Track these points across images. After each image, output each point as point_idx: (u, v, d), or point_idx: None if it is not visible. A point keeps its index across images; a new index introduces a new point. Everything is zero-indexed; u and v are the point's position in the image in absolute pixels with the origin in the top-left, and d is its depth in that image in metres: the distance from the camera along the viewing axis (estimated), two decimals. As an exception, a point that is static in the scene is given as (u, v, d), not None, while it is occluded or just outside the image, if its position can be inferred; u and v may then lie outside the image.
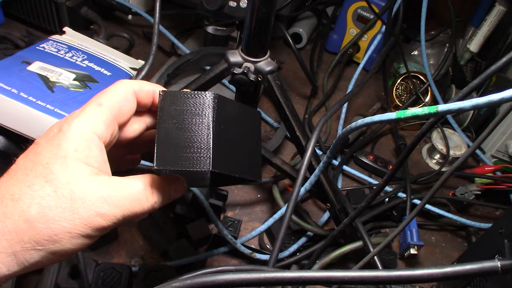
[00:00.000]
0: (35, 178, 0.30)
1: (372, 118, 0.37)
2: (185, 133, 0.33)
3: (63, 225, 0.29)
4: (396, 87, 0.93)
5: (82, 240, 0.31)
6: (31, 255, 0.29)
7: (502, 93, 0.27)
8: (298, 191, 0.53)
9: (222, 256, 0.64)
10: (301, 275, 0.27)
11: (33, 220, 0.29)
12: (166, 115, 0.34)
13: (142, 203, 0.33)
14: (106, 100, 0.33)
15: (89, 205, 0.30)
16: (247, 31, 0.53)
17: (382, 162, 0.81)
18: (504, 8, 0.88)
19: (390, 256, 0.65)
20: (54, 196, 0.29)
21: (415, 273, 0.27)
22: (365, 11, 0.97)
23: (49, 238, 0.29)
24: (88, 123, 0.32)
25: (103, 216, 0.30)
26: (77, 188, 0.30)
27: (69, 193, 0.30)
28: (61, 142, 0.31)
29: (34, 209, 0.29)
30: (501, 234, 0.48)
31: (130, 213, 0.32)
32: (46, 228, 0.29)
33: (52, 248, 0.30)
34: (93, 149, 0.31)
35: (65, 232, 0.29)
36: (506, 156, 0.83)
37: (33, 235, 0.29)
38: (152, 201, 0.34)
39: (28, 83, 0.58)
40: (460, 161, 0.38)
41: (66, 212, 0.29)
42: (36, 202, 0.29)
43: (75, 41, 0.73)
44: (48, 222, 0.29)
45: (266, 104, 0.88)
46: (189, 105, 0.34)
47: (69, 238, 0.30)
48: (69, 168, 0.30)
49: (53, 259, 0.30)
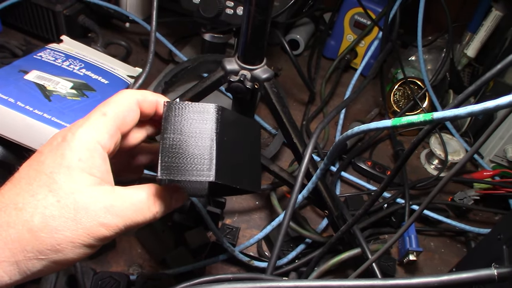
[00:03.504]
0: (38, 188, 0.30)
1: (368, 126, 0.37)
2: (189, 144, 0.34)
3: (66, 235, 0.29)
4: (393, 92, 0.93)
5: (85, 249, 0.31)
6: (33, 264, 0.29)
7: (497, 100, 0.27)
8: (295, 198, 0.53)
9: (220, 264, 0.63)
10: (296, 285, 0.27)
11: (36, 229, 0.29)
12: (171, 126, 0.34)
13: (144, 212, 0.33)
14: (110, 110, 0.33)
15: (92, 215, 0.30)
16: (243, 39, 0.53)
17: (381, 168, 0.81)
18: (501, 13, 0.88)
19: (389, 263, 0.65)
20: (57, 206, 0.29)
21: (412, 282, 0.27)
22: (362, 17, 0.98)
23: (52, 247, 0.29)
24: (92, 132, 0.32)
25: (106, 226, 0.31)
26: (80, 198, 0.30)
27: (73, 203, 0.30)
28: (65, 152, 0.31)
29: (37, 219, 0.29)
30: (500, 240, 0.48)
31: (132, 223, 0.32)
32: (49, 238, 0.29)
33: (55, 257, 0.30)
34: (96, 159, 0.32)
35: (68, 242, 0.30)
36: (504, 161, 0.83)
37: (36, 245, 0.29)
38: (154, 211, 0.34)
39: (25, 92, 0.58)
40: (458, 167, 0.38)
41: (69, 222, 0.29)
42: (39, 211, 0.29)
43: (72, 49, 0.73)
44: (51, 232, 0.29)
45: (264, 111, 0.88)
46: (193, 116, 0.35)
47: (72, 247, 0.30)
48: (73, 178, 0.30)
49: (54, 268, 0.31)
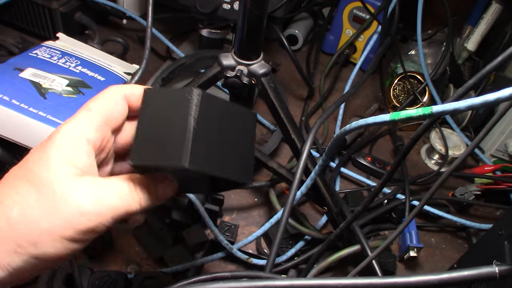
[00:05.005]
0: (20, 181, 0.30)
1: (366, 120, 0.37)
2: (165, 129, 0.31)
3: (43, 226, 0.28)
4: (393, 87, 0.92)
5: (65, 244, 0.29)
6: (12, 259, 0.29)
7: (497, 93, 0.26)
8: (294, 195, 0.52)
9: (218, 262, 0.63)
10: (292, 283, 0.26)
11: (15, 221, 0.28)
12: (148, 112, 0.33)
13: (128, 201, 0.32)
14: (95, 105, 0.33)
15: (71, 204, 0.29)
16: (240, 34, 0.52)
17: (380, 164, 0.80)
18: (501, 6, 0.87)
19: (389, 259, 0.64)
20: (36, 197, 0.29)
21: (411, 280, 0.26)
22: (360, 12, 0.97)
23: (30, 240, 0.28)
24: (75, 126, 0.32)
25: (87, 215, 0.29)
26: (59, 188, 0.29)
27: (51, 193, 0.29)
28: (46, 145, 0.31)
29: (16, 210, 0.29)
30: (501, 235, 0.47)
31: (116, 212, 0.31)
32: (26, 229, 0.28)
33: (33, 252, 0.29)
34: (79, 151, 0.31)
35: (45, 233, 0.29)
36: (505, 156, 0.82)
37: (14, 236, 0.28)
38: (137, 199, 0.33)
39: (20, 90, 0.57)
40: (459, 161, 0.38)
41: (46, 212, 0.29)
42: (18, 202, 0.29)
43: (68, 46, 0.72)
44: (28, 222, 0.28)
45: (262, 106, 0.87)
46: (173, 101, 0.32)
47: (50, 240, 0.29)
48: (51, 169, 0.30)
49: (37, 265, 0.29)
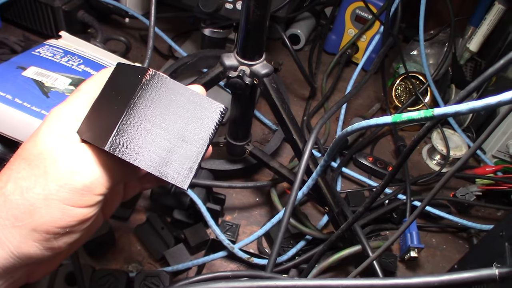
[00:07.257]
0: (14, 160, 0.31)
1: (368, 122, 0.37)
2: (109, 109, 0.31)
3: (37, 192, 0.29)
4: (395, 87, 0.92)
5: (64, 209, 0.29)
6: (12, 234, 0.29)
7: (499, 96, 0.26)
8: (295, 195, 0.52)
9: (220, 261, 0.63)
10: (294, 284, 0.26)
11: (9, 193, 0.29)
12: (107, 87, 0.33)
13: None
14: (85, 86, 0.35)
15: (62, 166, 0.29)
16: (242, 34, 0.52)
17: (382, 164, 0.80)
18: (504, 7, 0.87)
19: (390, 259, 0.64)
20: (28, 168, 0.30)
21: (411, 281, 0.27)
22: (363, 12, 0.97)
23: (26, 209, 0.29)
24: (65, 106, 0.33)
25: (80, 172, 0.30)
26: (48, 155, 0.30)
27: (42, 161, 0.30)
28: (39, 126, 0.32)
29: (10, 184, 0.30)
30: (502, 237, 0.47)
31: (110, 171, 0.31)
32: (20, 199, 0.29)
33: (31, 222, 0.29)
34: (67, 126, 0.32)
35: (41, 200, 0.29)
36: (507, 156, 0.82)
37: (10, 209, 0.29)
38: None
39: (23, 88, 0.57)
40: (460, 163, 0.38)
41: (39, 178, 0.29)
42: (12, 177, 0.30)
43: (71, 45, 0.72)
44: (22, 192, 0.29)
45: (265, 106, 0.87)
46: (126, 80, 0.31)
47: (46, 206, 0.29)
48: (40, 141, 0.31)
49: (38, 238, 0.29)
